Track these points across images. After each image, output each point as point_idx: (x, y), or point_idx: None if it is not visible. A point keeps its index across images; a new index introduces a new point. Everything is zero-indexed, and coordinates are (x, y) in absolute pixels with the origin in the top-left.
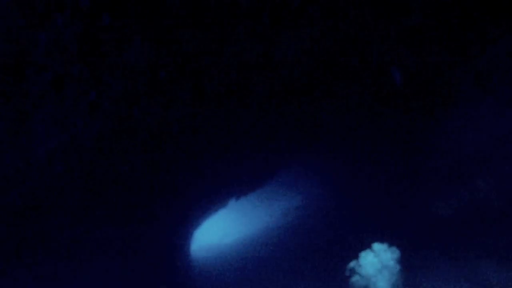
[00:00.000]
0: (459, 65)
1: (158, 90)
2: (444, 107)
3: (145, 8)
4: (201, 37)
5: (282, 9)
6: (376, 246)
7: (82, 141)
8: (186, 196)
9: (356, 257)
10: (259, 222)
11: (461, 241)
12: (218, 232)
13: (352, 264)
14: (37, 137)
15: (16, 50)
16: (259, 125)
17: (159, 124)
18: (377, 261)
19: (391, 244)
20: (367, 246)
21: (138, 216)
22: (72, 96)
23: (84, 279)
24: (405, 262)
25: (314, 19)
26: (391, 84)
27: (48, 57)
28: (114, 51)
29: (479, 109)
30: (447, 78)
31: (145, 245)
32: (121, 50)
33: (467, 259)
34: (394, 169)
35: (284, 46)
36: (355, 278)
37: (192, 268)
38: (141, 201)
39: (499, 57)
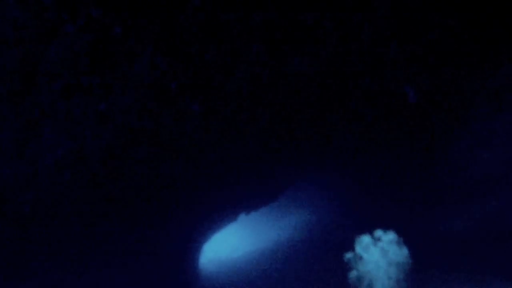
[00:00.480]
0: (473, 83)
1: (169, 102)
2: (458, 124)
3: (157, 20)
4: (213, 50)
5: (296, 26)
6: (379, 234)
7: (91, 151)
8: (196, 210)
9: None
10: (268, 236)
11: (472, 257)
12: (228, 246)
13: (349, 255)
14: (46, 145)
15: (27, 58)
16: (269, 140)
17: (170, 136)
18: (381, 256)
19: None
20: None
21: (146, 227)
22: (81, 105)
23: None
24: (415, 276)
25: (327, 36)
26: (405, 101)
27: (59, 66)
28: (125, 62)
29: (493, 127)
30: (461, 96)
31: (154, 257)
32: (132, 61)
33: (477, 275)
34: (406, 186)
35: (296, 62)
36: (353, 274)
37: (200, 282)
38: (150, 213)
39: None
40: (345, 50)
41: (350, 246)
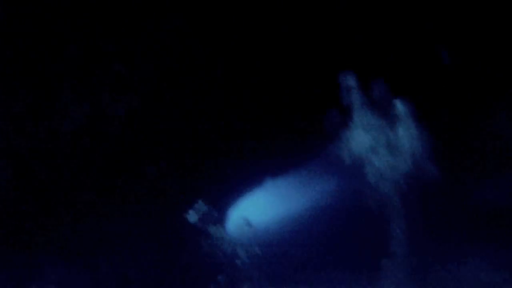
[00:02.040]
0: None
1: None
2: (498, 91)
3: None
4: None
5: None
6: None
7: (109, 118)
8: (219, 174)
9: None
10: (295, 202)
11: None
12: (254, 211)
13: None
14: (63, 111)
15: None
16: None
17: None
18: None
19: None
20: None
21: (169, 197)
22: (99, 68)
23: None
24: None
25: None
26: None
27: None
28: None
29: None
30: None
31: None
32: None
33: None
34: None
35: None
36: None
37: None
38: (173, 181)
39: None
40: None
41: (381, 218)
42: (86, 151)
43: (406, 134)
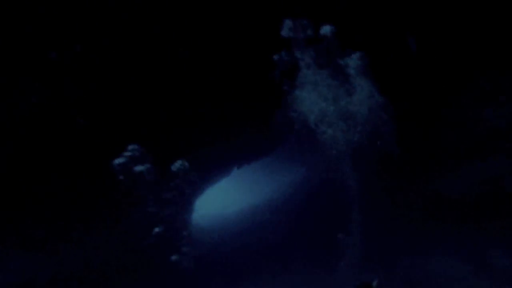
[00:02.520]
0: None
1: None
2: (463, 80)
3: None
4: None
5: None
6: None
7: (66, 98)
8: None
9: None
10: (262, 193)
11: (470, 223)
12: (221, 202)
13: None
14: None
15: None
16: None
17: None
18: None
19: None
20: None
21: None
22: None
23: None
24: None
25: None
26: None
27: None
28: None
29: (500, 84)
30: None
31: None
32: None
33: (472, 242)
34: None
35: None
36: None
37: (193, 237)
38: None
39: None
40: None
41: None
42: (45, 131)
43: (364, 102)
